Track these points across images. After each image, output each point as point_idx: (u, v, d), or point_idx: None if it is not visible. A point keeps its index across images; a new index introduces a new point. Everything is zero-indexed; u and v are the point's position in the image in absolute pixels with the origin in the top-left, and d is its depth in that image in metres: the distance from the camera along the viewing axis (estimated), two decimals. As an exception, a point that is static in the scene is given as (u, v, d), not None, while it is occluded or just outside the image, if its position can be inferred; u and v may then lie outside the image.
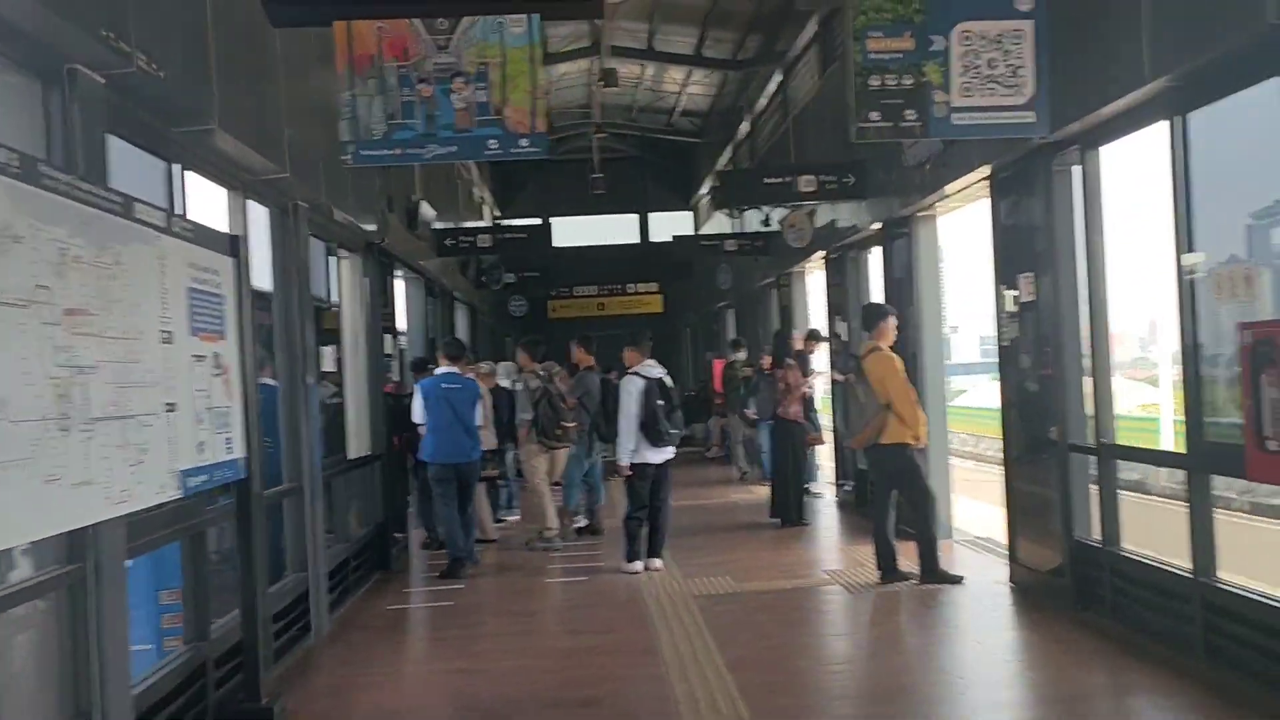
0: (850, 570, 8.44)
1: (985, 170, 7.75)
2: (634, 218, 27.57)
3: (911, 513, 7.99)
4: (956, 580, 7.87)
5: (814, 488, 13.25)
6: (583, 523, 11.07)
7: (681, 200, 27.48)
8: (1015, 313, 7.49)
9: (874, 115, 5.53)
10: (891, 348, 8.13)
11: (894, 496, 8.07)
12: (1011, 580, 7.76)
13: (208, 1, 5.11)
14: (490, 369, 11.89)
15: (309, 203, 7.35)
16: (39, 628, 4.03)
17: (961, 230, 10.07)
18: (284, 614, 6.87)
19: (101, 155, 4.39)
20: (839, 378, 11.00)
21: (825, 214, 12.58)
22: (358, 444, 9.55)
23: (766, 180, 11.25)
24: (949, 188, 8.47)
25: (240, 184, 6.30)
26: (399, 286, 12.69)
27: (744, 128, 18.93)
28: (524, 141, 4.83)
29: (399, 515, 10.47)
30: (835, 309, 12.54)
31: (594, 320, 25.89)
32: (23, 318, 3.33)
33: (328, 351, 8.74)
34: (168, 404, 4.41)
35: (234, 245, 5.37)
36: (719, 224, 21.36)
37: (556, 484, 12.34)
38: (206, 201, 6.29)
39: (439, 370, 10.20)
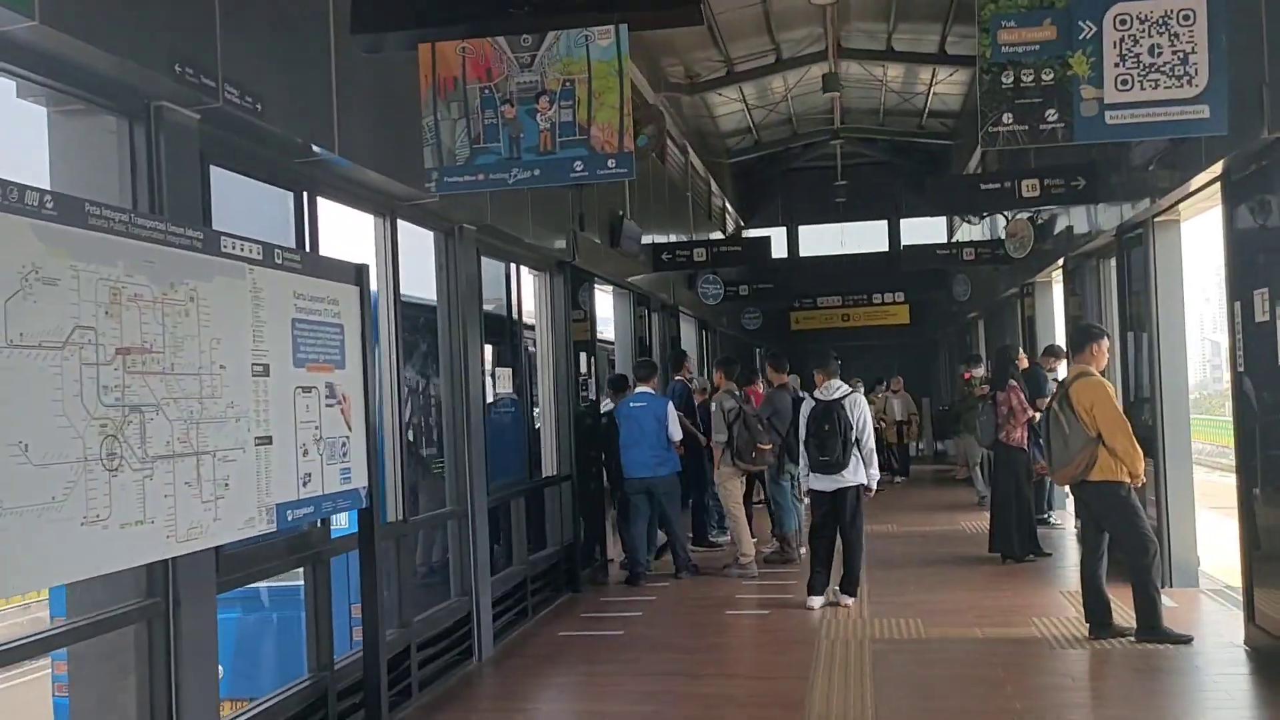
0: (1063, 621, 7.55)
1: (1216, 170, 6.74)
2: (883, 225, 26.57)
3: (1127, 560, 7.05)
4: (1183, 640, 6.87)
5: (1054, 518, 12.17)
6: (772, 549, 10.58)
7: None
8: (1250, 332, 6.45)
9: (1007, 118, 4.81)
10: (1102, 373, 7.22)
11: (1105, 540, 7.16)
12: (1247, 644, 6.70)
13: (330, 33, 5.10)
14: (701, 385, 11.59)
15: (475, 225, 7.34)
16: (118, 659, 4.08)
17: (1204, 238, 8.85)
18: (444, 636, 6.85)
19: (196, 187, 4.48)
20: (1041, 405, 9.98)
21: (1060, 220, 11.51)
22: (548, 463, 9.53)
23: (984, 186, 10.38)
24: (1176, 191, 7.44)
25: (388, 209, 6.32)
26: (606, 303, 12.68)
27: (991, 128, 17.75)
28: (611, 163, 4.51)
29: (598, 536, 10.37)
30: (1073, 322, 11.43)
31: (839, 332, 25.21)
32: (56, 360, 3.33)
33: (504, 372, 8.72)
34: (259, 437, 4.39)
35: (358, 275, 5.34)
36: (970, 232, 20.20)
37: (759, 502, 11.95)
38: (355, 227, 6.37)
39: (636, 390, 10.35)
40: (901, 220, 26.93)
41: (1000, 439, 10.10)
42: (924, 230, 26.13)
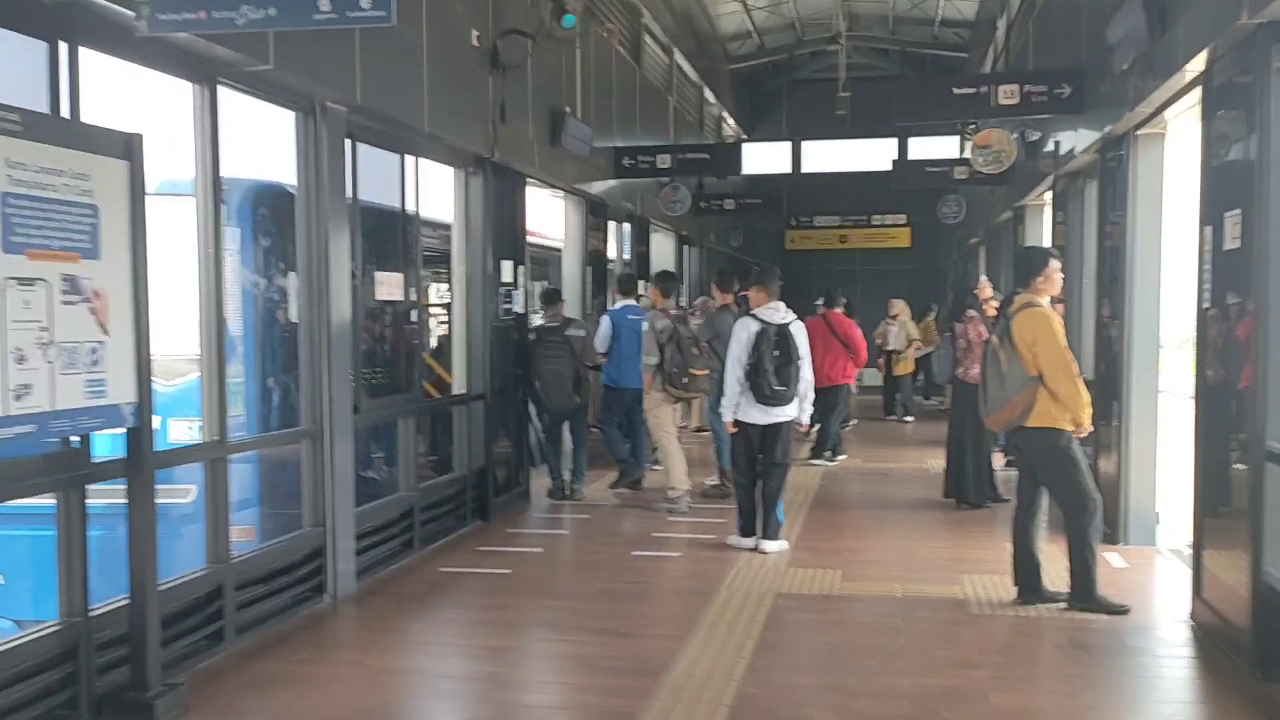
0: (994, 581, 6.70)
1: (1196, 67, 5.70)
2: (892, 143, 25.19)
3: (1064, 517, 6.18)
4: (1118, 611, 6.03)
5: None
6: (713, 481, 9.77)
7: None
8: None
9: None
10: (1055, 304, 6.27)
11: (1041, 494, 6.28)
12: (1193, 619, 5.84)
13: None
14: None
15: (343, 105, 6.41)
16: None
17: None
18: (284, 572, 6.09)
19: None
20: (962, 340, 9.03)
21: (1052, 135, 10.42)
22: (457, 381, 8.71)
23: (956, 91, 9.28)
24: (1156, 95, 6.41)
25: (205, 75, 5.38)
26: (555, 209, 11.72)
27: (999, 36, 16.46)
28: (365, 2, 3.57)
29: (518, 460, 9.59)
30: (1060, 251, 10.38)
31: (835, 254, 24.12)
32: None
33: (391, 277, 7.81)
34: (-69, 338, 3.53)
35: (127, 147, 4.44)
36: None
37: (701, 430, 11.18)
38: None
39: (619, 304, 10.12)
40: (911, 139, 25.56)
41: (958, 375, 9.15)
42: (936, 149, 24.81)
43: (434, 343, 9.01)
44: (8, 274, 3.84)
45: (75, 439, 4.47)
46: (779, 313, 7.68)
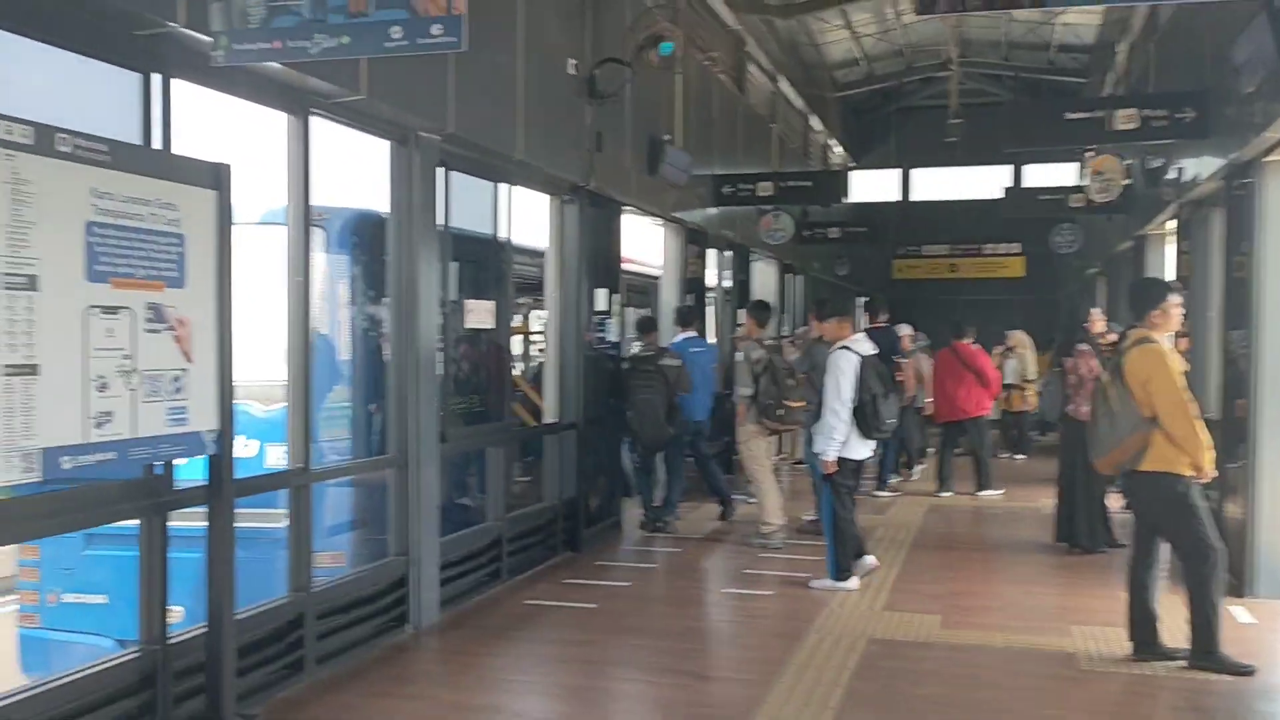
0: (1108, 632, 6.31)
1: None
2: (1006, 170, 24.56)
3: (1182, 569, 5.78)
4: (1243, 670, 5.60)
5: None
6: (810, 517, 9.49)
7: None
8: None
9: None
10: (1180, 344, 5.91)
11: (1158, 543, 5.89)
12: (1326, 684, 5.40)
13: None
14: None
15: (436, 133, 6.40)
16: None
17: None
18: (365, 602, 6.05)
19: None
20: (1073, 376, 8.58)
21: (1176, 161, 9.95)
22: (548, 409, 8.64)
23: (1069, 116, 8.89)
24: (1283, 120, 6.02)
25: (300, 106, 5.41)
26: (653, 237, 11.63)
27: (1119, 60, 15.90)
28: (436, 29, 3.49)
29: (612, 490, 9.47)
30: (1183, 283, 9.89)
31: (944, 283, 23.56)
32: None
33: (482, 305, 7.76)
34: (14, 366, 3.56)
35: (216, 177, 4.45)
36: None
37: (800, 463, 10.94)
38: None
39: (680, 336, 9.99)
40: (1025, 166, 24.89)
41: (1068, 412, 8.73)
42: (1052, 176, 24.09)
43: (527, 369, 8.98)
44: (91, 302, 3.86)
45: (158, 465, 4.48)
46: (868, 344, 7.46)
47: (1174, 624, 5.95)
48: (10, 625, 7.53)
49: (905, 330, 10.54)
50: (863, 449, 7.43)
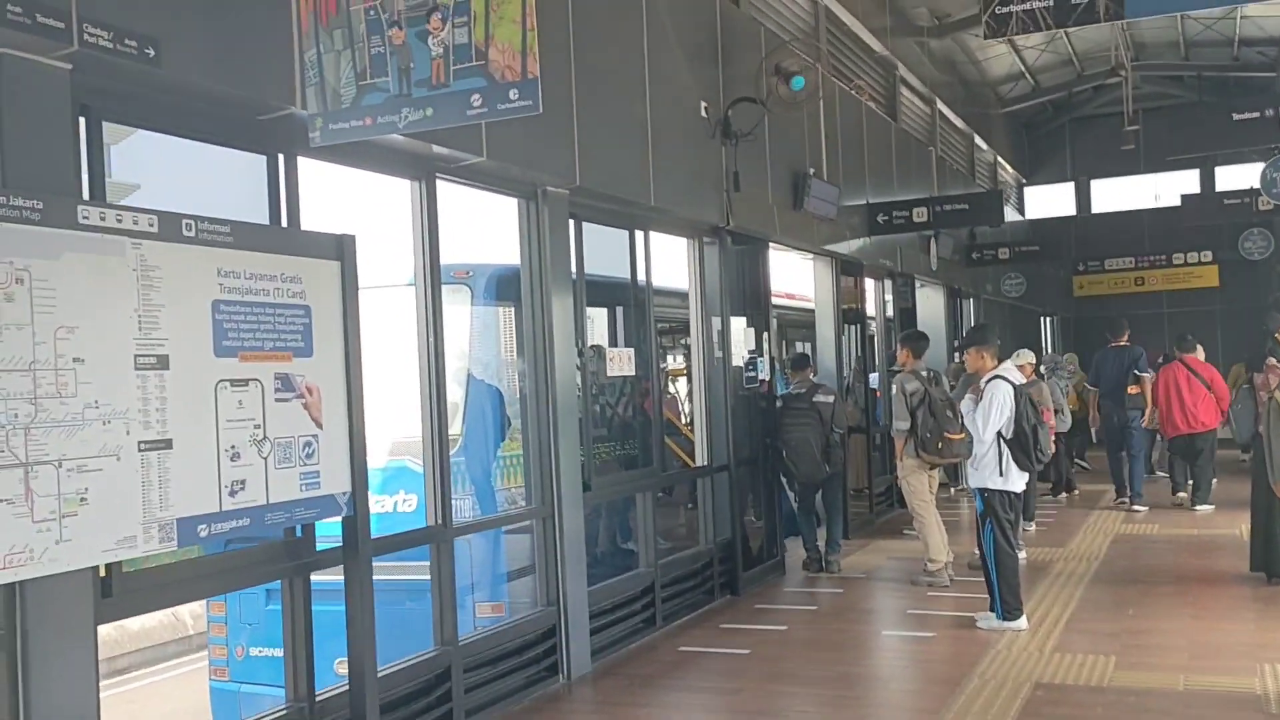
0: (1304, 671, 5.81)
1: None
2: (1193, 174, 23.17)
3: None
4: None
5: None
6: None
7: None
8: None
9: None
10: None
11: (1351, 576, 5.38)
12: None
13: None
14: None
15: (564, 187, 6.51)
16: None
17: None
18: (515, 653, 6.13)
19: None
20: (1264, 393, 7.89)
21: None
22: (700, 452, 8.60)
23: (1237, 117, 8.32)
24: None
25: (424, 171, 5.60)
26: (798, 270, 11.49)
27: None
28: (513, 94, 3.52)
29: (770, 532, 9.34)
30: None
31: (1131, 297, 22.37)
32: None
33: (623, 352, 7.80)
34: (149, 441, 3.79)
35: (340, 248, 4.65)
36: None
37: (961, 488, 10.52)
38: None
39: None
40: (1217, 168, 23.42)
41: (1260, 431, 8.10)
42: (1247, 178, 22.61)
43: (678, 412, 8.97)
44: (220, 376, 4.08)
45: (298, 529, 4.67)
46: (1017, 373, 7.17)
47: (1378, 663, 5.42)
48: (203, 679, 7.99)
49: (1028, 357, 10.01)
50: (1020, 481, 7.11)
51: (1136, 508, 11.93)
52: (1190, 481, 11.93)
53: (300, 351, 4.46)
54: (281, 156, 4.70)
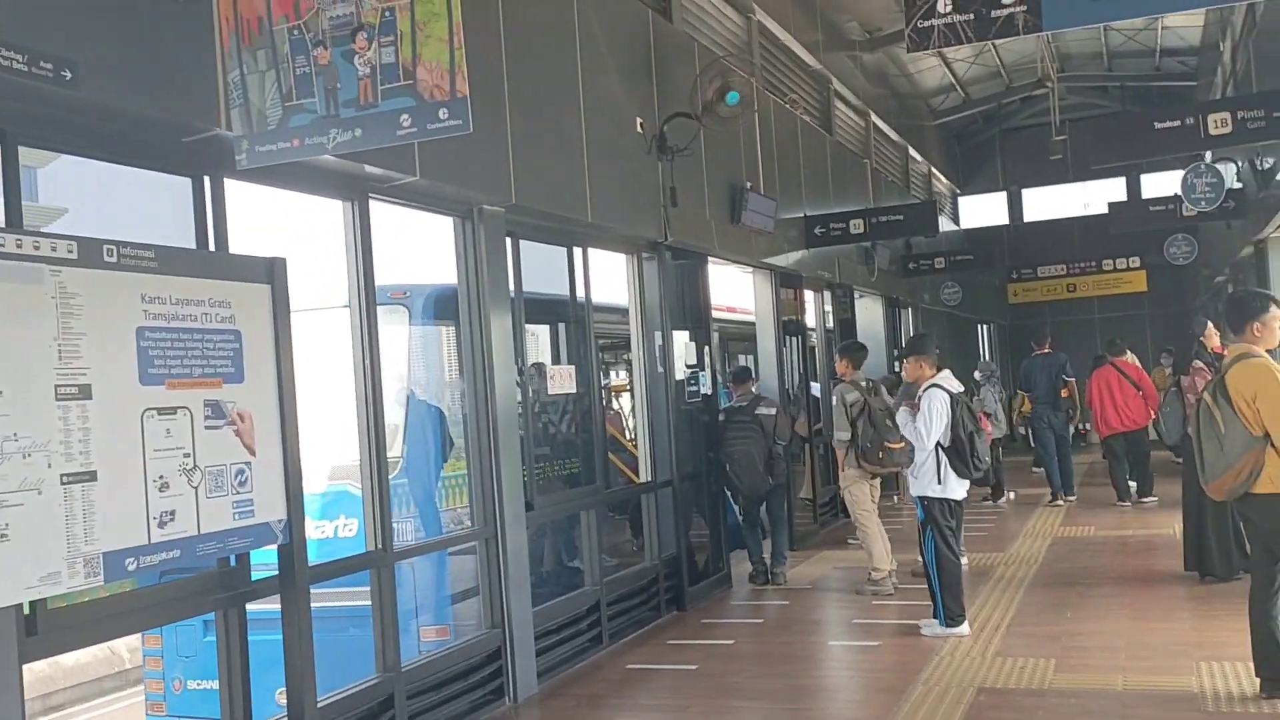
0: (1237, 669, 5.90)
1: None
2: (1120, 182, 23.69)
3: (1311, 599, 5.37)
4: (1390, 707, 5.17)
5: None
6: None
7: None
8: None
9: (943, 5, 3.39)
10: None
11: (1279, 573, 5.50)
12: None
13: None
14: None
15: (500, 205, 6.48)
16: None
17: None
18: (459, 677, 6.05)
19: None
20: (1191, 395, 8.07)
21: (1268, 160, 9.45)
22: (643, 468, 8.58)
23: (1159, 125, 8.51)
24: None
25: (356, 191, 5.54)
26: (743, 285, 11.54)
27: (1226, 60, 15.26)
28: (443, 113, 3.50)
29: (715, 546, 9.34)
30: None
31: (1064, 304, 22.82)
32: None
33: (563, 370, 7.78)
34: (71, 474, 3.68)
35: (270, 271, 4.58)
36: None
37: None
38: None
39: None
40: (1144, 175, 23.95)
41: (1188, 433, 8.26)
42: (1172, 185, 23.17)
43: (622, 428, 8.95)
44: (147, 405, 3.98)
45: (232, 559, 4.58)
46: (955, 381, 7.26)
47: (1309, 657, 5.52)
48: (141, 714, 7.80)
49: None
50: (960, 488, 7.18)
51: (1070, 499, 13.06)
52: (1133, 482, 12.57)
53: (230, 377, 4.37)
54: (208, 179, 4.62)
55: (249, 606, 4.71)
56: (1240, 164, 11.77)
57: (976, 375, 13.29)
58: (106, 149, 4.31)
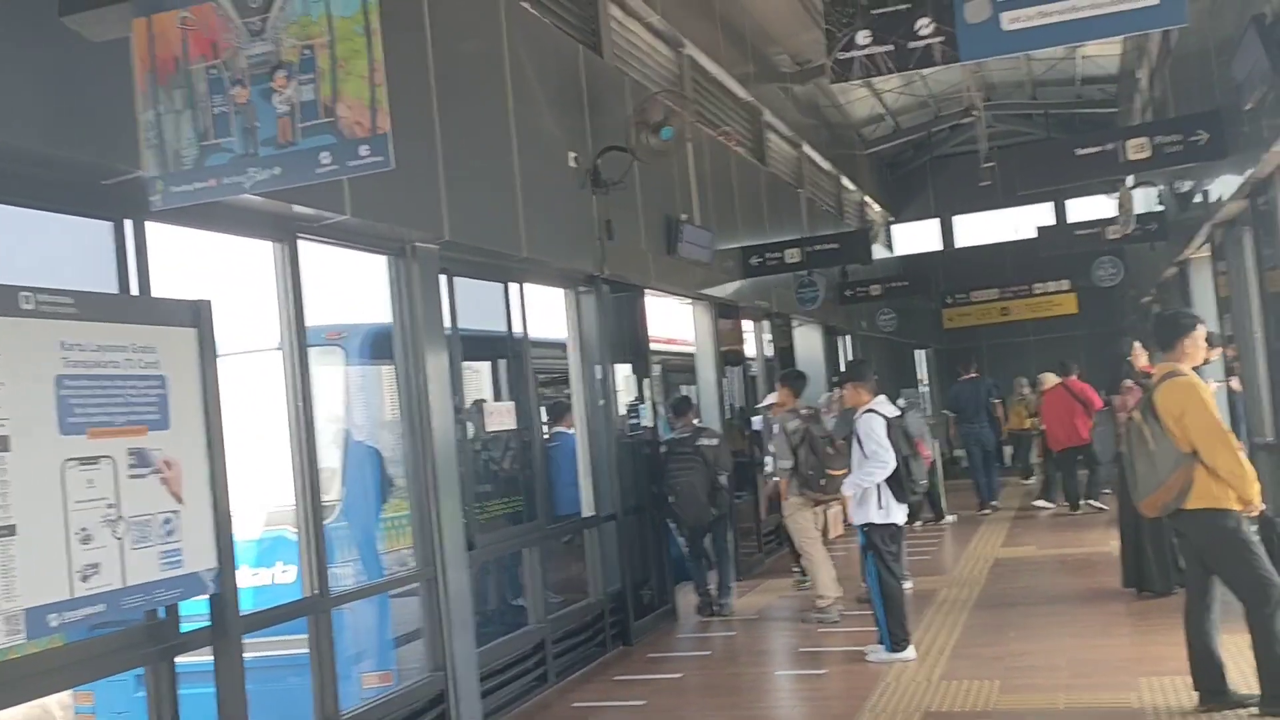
0: (1177, 683, 5.96)
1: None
2: (1048, 207, 24.17)
3: (1244, 610, 5.46)
4: (1323, 717, 5.25)
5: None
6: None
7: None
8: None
9: (862, 37, 3.48)
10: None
11: (1214, 584, 5.58)
12: None
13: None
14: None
15: (433, 242, 6.43)
16: None
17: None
18: (413, 717, 5.94)
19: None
20: (1123, 414, 8.25)
21: (1201, 184, 9.70)
22: (585, 503, 8.52)
23: (1079, 152, 8.71)
24: (1290, 129, 5.82)
25: (285, 232, 5.47)
26: (683, 316, 11.57)
27: (1144, 86, 15.69)
28: (364, 150, 3.47)
29: (659, 579, 9.29)
30: (1223, 307, 9.59)
31: (997, 327, 23.18)
32: None
33: (502, 407, 7.72)
34: (-11, 528, 3.55)
35: (195, 314, 4.49)
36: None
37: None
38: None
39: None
40: (1069, 201, 24.47)
41: (1122, 451, 8.40)
42: (1096, 209, 23.69)
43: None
44: (67, 455, 3.87)
45: (161, 610, 4.45)
46: (890, 406, 7.33)
47: (1244, 668, 5.61)
48: (74, 774, 7.53)
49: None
50: (900, 513, 7.23)
51: (994, 504, 14.48)
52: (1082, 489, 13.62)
53: (156, 424, 4.26)
54: (129, 222, 4.52)
55: (180, 659, 4.58)
56: (1161, 187, 12.09)
57: (901, 403, 13.47)
58: (21, 192, 4.20)
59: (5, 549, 3.61)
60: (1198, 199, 9.87)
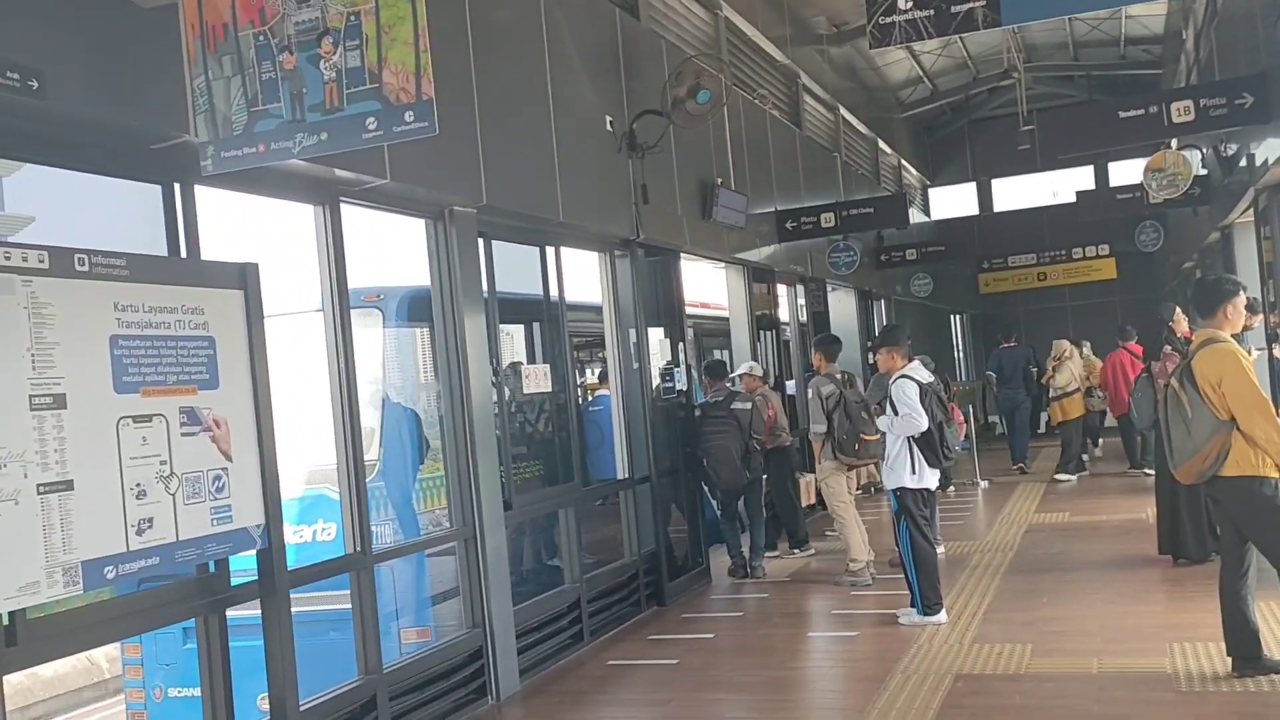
0: (1210, 649, 5.99)
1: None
2: (1088, 171, 23.88)
3: (1279, 576, 5.47)
4: (1358, 682, 5.27)
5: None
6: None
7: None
8: None
9: (904, 3, 3.46)
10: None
11: (1249, 551, 5.58)
12: None
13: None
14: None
15: (471, 206, 6.49)
16: None
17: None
18: (442, 677, 6.07)
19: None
20: (1161, 380, 8.18)
21: (1247, 147, 9.57)
22: (620, 465, 8.60)
23: (1123, 114, 8.61)
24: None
25: (327, 196, 5.54)
26: (717, 280, 11.59)
27: (1189, 48, 15.42)
28: (408, 115, 3.52)
29: (694, 541, 9.38)
30: (1267, 273, 9.49)
31: (1034, 293, 23.01)
32: None
33: (538, 370, 7.79)
34: (47, 484, 3.68)
35: (242, 276, 4.58)
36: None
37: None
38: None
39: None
40: (1111, 164, 24.15)
41: (1159, 418, 8.35)
42: (1138, 173, 23.39)
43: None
44: (122, 413, 3.98)
45: (211, 564, 4.58)
46: (925, 372, 7.33)
47: (1279, 634, 5.62)
48: (121, 724, 7.76)
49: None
50: (932, 478, 7.27)
51: (1021, 463, 14.97)
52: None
53: (206, 384, 4.37)
54: (177, 186, 4.61)
55: (229, 612, 4.71)
56: (1205, 151, 11.93)
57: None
58: (75, 158, 4.30)
59: (63, 503, 3.73)
60: (1242, 163, 9.74)
